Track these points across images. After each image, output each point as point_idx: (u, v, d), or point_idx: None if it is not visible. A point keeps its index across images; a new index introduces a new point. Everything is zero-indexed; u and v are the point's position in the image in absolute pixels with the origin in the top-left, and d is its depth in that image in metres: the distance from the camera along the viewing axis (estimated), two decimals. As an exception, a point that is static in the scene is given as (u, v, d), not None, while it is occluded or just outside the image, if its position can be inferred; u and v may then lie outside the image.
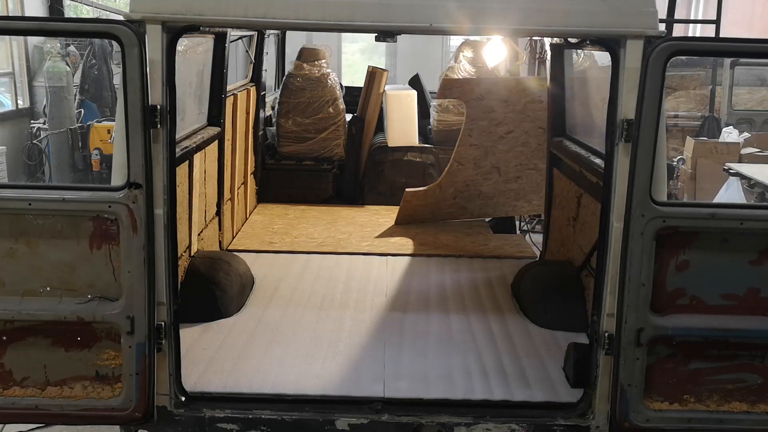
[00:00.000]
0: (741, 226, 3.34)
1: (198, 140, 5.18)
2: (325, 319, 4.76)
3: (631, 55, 3.28)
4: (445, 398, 3.82)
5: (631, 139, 3.29)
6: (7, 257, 3.35)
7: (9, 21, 4.44)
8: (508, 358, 4.26)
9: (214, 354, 4.20)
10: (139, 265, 3.34)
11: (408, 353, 4.30)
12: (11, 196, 3.32)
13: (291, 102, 7.80)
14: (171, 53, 3.33)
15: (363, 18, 3.30)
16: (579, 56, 5.67)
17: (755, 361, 3.51)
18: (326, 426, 3.65)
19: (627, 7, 3.29)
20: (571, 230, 5.37)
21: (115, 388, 3.47)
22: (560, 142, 5.78)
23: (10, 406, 3.46)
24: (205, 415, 3.66)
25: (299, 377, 3.96)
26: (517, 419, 3.68)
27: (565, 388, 3.92)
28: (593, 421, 3.62)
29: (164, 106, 3.30)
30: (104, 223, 3.32)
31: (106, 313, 3.38)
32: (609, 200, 3.46)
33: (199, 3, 3.27)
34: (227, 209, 6.22)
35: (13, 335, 3.43)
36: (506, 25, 3.39)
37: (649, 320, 3.40)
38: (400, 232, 6.70)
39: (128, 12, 3.25)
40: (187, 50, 5.12)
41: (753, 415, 3.53)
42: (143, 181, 3.27)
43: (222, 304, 4.76)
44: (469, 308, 5.04)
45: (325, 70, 7.90)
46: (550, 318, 4.73)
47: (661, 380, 3.51)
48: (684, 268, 3.40)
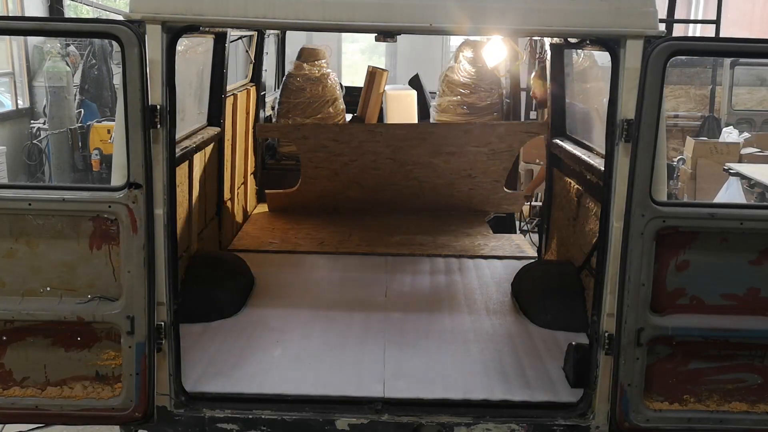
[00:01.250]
0: (741, 226, 3.34)
1: (198, 140, 5.19)
2: (325, 319, 4.76)
3: (631, 55, 3.28)
4: (445, 398, 3.81)
5: (631, 139, 3.29)
6: (7, 257, 3.35)
7: (9, 21, 4.43)
8: (508, 358, 4.26)
9: (214, 354, 4.20)
10: (139, 265, 3.34)
11: (408, 353, 4.30)
12: (11, 197, 3.32)
13: (291, 102, 7.80)
14: (171, 53, 3.33)
15: (363, 18, 3.30)
16: (579, 56, 5.68)
17: (755, 361, 3.51)
18: (326, 426, 3.65)
19: (627, 7, 3.29)
20: (571, 230, 5.37)
21: (115, 388, 3.47)
22: (560, 142, 5.79)
23: (10, 406, 3.47)
24: (205, 415, 3.65)
25: (299, 377, 3.96)
26: (517, 419, 3.68)
27: (565, 388, 3.92)
28: (593, 421, 3.62)
29: (164, 106, 3.30)
30: (104, 223, 3.32)
31: (106, 313, 3.38)
32: (609, 200, 3.45)
33: (199, 3, 3.27)
34: (227, 209, 6.23)
35: (13, 335, 3.43)
36: (506, 25, 3.39)
37: (649, 320, 3.40)
38: (400, 232, 6.70)
39: (128, 12, 3.24)
40: (187, 50, 5.12)
41: (753, 415, 3.53)
42: (143, 181, 3.27)
43: (222, 304, 4.76)
44: (469, 308, 5.04)
45: (325, 70, 7.90)
46: (550, 318, 4.73)
47: (661, 380, 3.51)
48: (684, 268, 3.40)
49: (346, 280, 5.52)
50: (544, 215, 6.26)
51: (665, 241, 3.35)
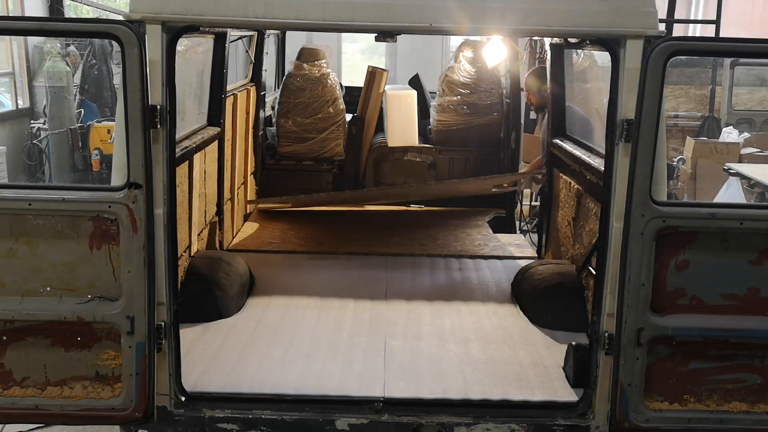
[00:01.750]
0: (741, 226, 3.34)
1: (198, 140, 5.18)
2: (325, 319, 4.76)
3: (631, 55, 3.28)
4: (444, 398, 3.81)
5: (631, 139, 3.29)
6: (7, 257, 3.35)
7: (9, 21, 4.44)
8: (508, 358, 4.26)
9: (214, 354, 4.20)
10: (139, 265, 3.34)
11: (408, 353, 4.30)
12: (11, 197, 3.32)
13: (291, 102, 7.79)
14: (171, 53, 3.33)
15: (363, 18, 3.29)
16: (579, 56, 5.68)
17: (755, 361, 3.51)
18: (326, 426, 3.65)
19: (627, 7, 3.29)
20: (571, 230, 5.37)
21: (115, 388, 3.47)
22: (560, 142, 5.79)
23: (10, 406, 3.46)
24: (205, 415, 3.65)
25: (299, 377, 3.96)
26: (517, 419, 3.68)
27: (565, 388, 3.92)
28: (593, 421, 3.62)
29: (164, 107, 3.30)
30: (104, 223, 3.32)
31: (106, 313, 3.38)
32: (609, 200, 3.45)
33: (199, 3, 3.27)
34: (227, 209, 6.22)
35: (14, 335, 3.43)
36: (506, 25, 3.38)
37: (649, 320, 3.40)
38: (400, 232, 6.70)
39: (128, 12, 3.24)
40: (187, 50, 5.12)
41: (753, 415, 3.53)
42: (143, 181, 3.27)
43: (222, 304, 4.76)
44: (469, 308, 5.03)
45: (325, 70, 7.89)
46: (550, 318, 4.73)
47: (661, 380, 3.51)
48: (684, 268, 3.40)
49: (346, 280, 5.51)
50: (544, 215, 6.26)
51: (665, 241, 3.35)
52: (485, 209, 7.53)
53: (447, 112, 7.75)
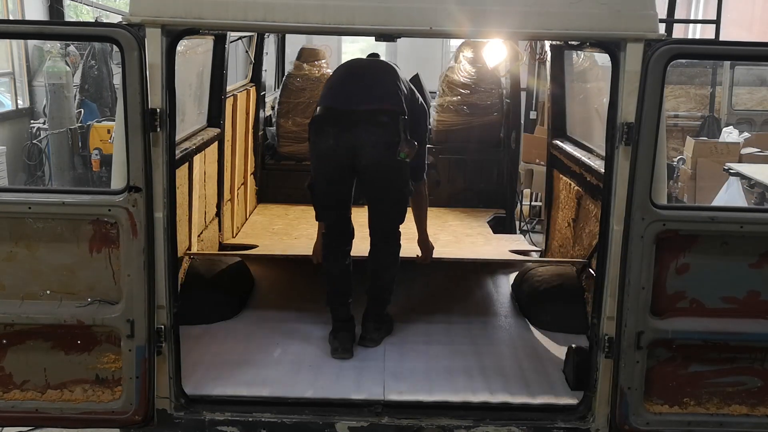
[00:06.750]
0: (741, 230, 3.33)
1: (198, 141, 5.18)
2: (325, 321, 4.75)
3: (631, 59, 3.27)
4: (444, 401, 3.81)
5: (632, 142, 3.28)
6: (7, 261, 3.35)
7: (8, 24, 4.43)
8: (508, 361, 4.26)
9: (214, 357, 4.20)
10: (139, 269, 3.33)
11: (408, 355, 4.30)
12: (11, 200, 3.32)
13: (291, 102, 7.78)
14: (171, 57, 3.32)
15: (363, 22, 3.28)
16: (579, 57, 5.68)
17: (755, 364, 3.51)
18: (326, 429, 3.65)
19: (627, 10, 3.27)
20: (571, 232, 5.37)
21: (115, 392, 3.47)
22: (560, 143, 5.78)
23: (10, 409, 3.47)
24: (205, 418, 3.65)
25: (299, 380, 3.96)
26: (517, 422, 3.68)
27: (565, 391, 3.92)
28: (593, 424, 3.62)
29: (164, 110, 3.29)
30: (104, 226, 3.32)
31: (106, 316, 3.38)
32: (609, 203, 3.45)
33: (199, 6, 3.26)
34: (227, 210, 6.22)
35: (13, 338, 3.43)
36: (506, 28, 3.37)
37: (649, 323, 3.40)
38: (399, 233, 6.68)
39: (128, 15, 3.24)
40: (186, 51, 5.11)
41: (753, 418, 3.53)
42: (143, 184, 3.27)
43: (222, 305, 4.75)
44: (469, 310, 5.03)
45: (325, 70, 7.88)
46: (550, 320, 4.73)
47: (661, 383, 3.51)
48: (684, 271, 3.40)
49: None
50: (545, 216, 6.25)
51: (665, 245, 3.35)
52: (485, 209, 7.51)
53: (447, 113, 7.73)
